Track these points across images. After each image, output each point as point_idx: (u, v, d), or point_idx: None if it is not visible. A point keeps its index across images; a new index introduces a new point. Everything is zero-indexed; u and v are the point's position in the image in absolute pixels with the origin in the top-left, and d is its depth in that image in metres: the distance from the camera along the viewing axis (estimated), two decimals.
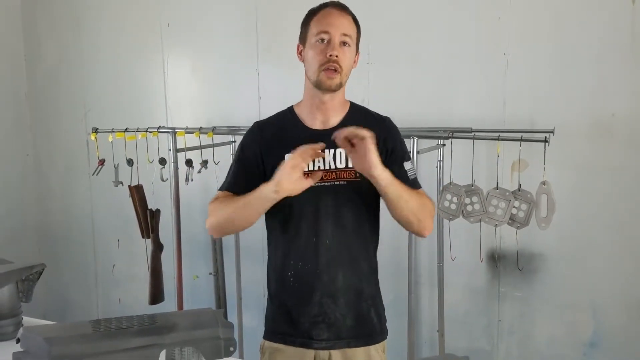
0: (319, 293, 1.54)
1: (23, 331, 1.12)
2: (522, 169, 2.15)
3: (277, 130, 1.59)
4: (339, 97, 1.56)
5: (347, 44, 1.50)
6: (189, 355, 1.17)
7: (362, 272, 1.58)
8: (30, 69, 3.60)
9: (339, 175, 1.53)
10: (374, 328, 1.60)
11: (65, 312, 3.65)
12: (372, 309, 1.60)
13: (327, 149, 1.50)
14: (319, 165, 1.53)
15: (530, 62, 2.27)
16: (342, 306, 1.55)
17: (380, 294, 1.66)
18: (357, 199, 1.54)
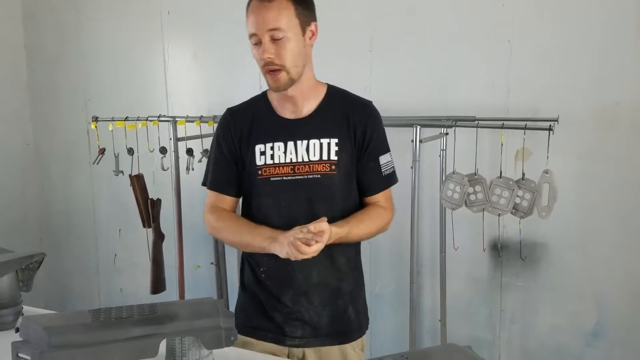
0: (292, 291, 1.49)
1: (22, 320, 1.11)
2: (526, 157, 2.13)
3: (249, 120, 1.52)
4: (304, 86, 1.45)
5: (279, 38, 1.36)
6: (190, 344, 1.15)
7: (339, 269, 1.52)
8: (30, 58, 3.57)
9: (312, 169, 1.46)
10: (351, 326, 1.56)
11: (67, 302, 3.65)
12: (350, 306, 1.55)
13: (300, 140, 1.45)
14: (291, 157, 1.46)
15: (535, 50, 2.24)
16: (317, 304, 1.50)
17: (362, 287, 1.62)
18: (332, 192, 1.48)
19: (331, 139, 1.46)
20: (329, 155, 1.46)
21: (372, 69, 2.54)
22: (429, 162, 2.36)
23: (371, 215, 1.50)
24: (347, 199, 1.50)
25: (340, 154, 1.46)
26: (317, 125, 1.47)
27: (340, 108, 1.47)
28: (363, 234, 1.49)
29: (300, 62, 1.41)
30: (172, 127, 2.60)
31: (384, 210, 1.51)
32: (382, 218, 1.51)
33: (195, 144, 2.66)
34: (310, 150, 1.46)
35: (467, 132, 2.14)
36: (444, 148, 2.23)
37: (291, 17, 1.37)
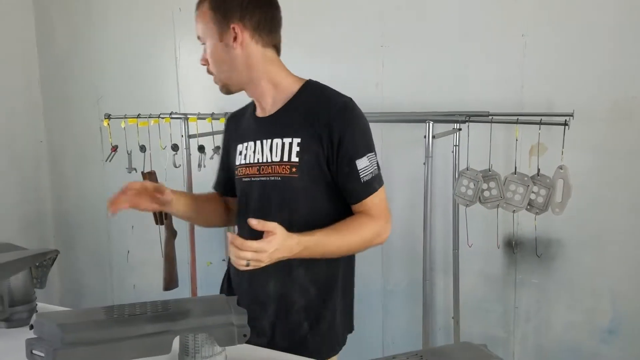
0: (248, 299, 1.42)
1: (36, 317, 1.11)
2: (541, 153, 2.11)
3: (239, 121, 1.53)
4: (260, 87, 1.41)
5: (202, 44, 1.41)
6: (202, 341, 1.15)
7: (296, 281, 1.39)
8: (42, 57, 3.59)
9: (274, 170, 1.37)
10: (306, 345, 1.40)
11: (80, 298, 3.68)
12: (306, 323, 1.41)
13: (265, 139, 1.39)
14: (258, 157, 1.40)
15: (549, 44, 2.21)
16: (271, 316, 1.42)
17: (329, 306, 1.42)
18: (292, 197, 1.36)
19: (293, 138, 1.35)
20: (289, 156, 1.35)
21: (383, 65, 2.52)
22: (442, 158, 2.34)
23: (351, 224, 1.33)
24: (312, 206, 1.36)
25: (301, 155, 1.34)
26: (280, 124, 1.38)
27: (309, 106, 1.36)
28: (342, 245, 1.32)
29: (224, 67, 1.39)
30: (184, 124, 2.60)
31: (370, 219, 1.34)
32: (367, 227, 1.33)
33: (207, 141, 2.66)
34: (273, 150, 1.38)
35: (481, 127, 2.11)
36: (457, 144, 2.21)
37: (207, 24, 1.38)
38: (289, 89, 1.40)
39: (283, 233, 1.22)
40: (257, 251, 1.19)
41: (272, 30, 1.40)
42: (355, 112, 1.36)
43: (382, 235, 1.36)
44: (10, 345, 1.32)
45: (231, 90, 1.43)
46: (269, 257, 1.22)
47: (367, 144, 1.36)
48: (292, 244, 1.24)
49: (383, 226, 1.36)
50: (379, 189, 1.36)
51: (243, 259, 1.19)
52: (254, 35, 1.36)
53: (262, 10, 1.37)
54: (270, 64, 1.40)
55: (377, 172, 1.36)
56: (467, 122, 2.06)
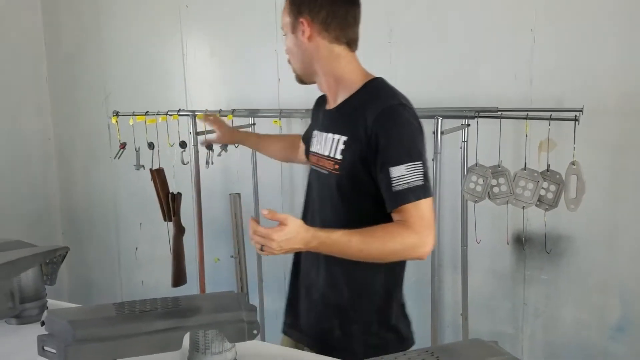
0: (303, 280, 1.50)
1: (47, 314, 1.12)
2: (550, 149, 2.09)
3: (318, 107, 1.60)
4: (324, 80, 1.44)
5: (284, 35, 1.46)
6: (213, 337, 1.15)
7: (331, 276, 1.41)
8: (50, 54, 3.60)
9: (324, 164, 1.41)
10: (334, 342, 1.42)
11: (89, 295, 3.69)
12: (336, 321, 1.42)
13: (324, 132, 1.44)
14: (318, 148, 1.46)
15: (558, 39, 2.19)
16: (309, 302, 1.49)
17: (362, 311, 1.42)
18: (332, 193, 1.38)
19: (341, 135, 1.37)
20: (335, 152, 1.37)
21: (391, 61, 2.51)
22: (450, 154, 2.33)
23: (379, 231, 1.28)
24: (351, 205, 1.36)
25: (345, 154, 1.35)
26: (335, 120, 1.42)
27: (361, 105, 1.34)
28: (363, 250, 1.27)
29: (295, 59, 1.44)
30: (192, 121, 2.60)
31: (404, 230, 1.26)
32: (398, 237, 1.26)
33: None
34: (326, 144, 1.41)
35: (489, 123, 2.10)
36: (465, 140, 2.20)
37: (285, 16, 1.43)
38: (351, 86, 1.40)
39: (296, 225, 1.22)
40: (264, 237, 1.21)
41: (344, 26, 1.40)
42: (398, 117, 1.31)
43: (418, 249, 1.27)
44: (21, 342, 1.33)
45: (303, 80, 1.48)
46: (279, 246, 1.22)
47: (408, 152, 1.28)
48: (307, 236, 1.23)
49: (420, 239, 1.27)
50: (416, 200, 1.26)
51: (257, 243, 1.24)
52: (321, 31, 1.38)
53: (332, 7, 1.38)
54: (336, 59, 1.40)
55: (419, 183, 1.27)
56: (476, 117, 2.05)
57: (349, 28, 1.41)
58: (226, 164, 2.83)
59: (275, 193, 2.91)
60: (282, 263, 2.97)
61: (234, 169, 2.82)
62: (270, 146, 1.95)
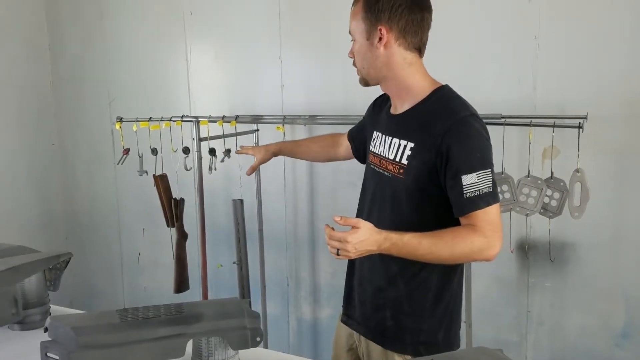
0: (357, 274, 1.59)
1: (51, 320, 1.12)
2: (554, 156, 2.09)
3: (381, 106, 1.62)
4: (394, 87, 1.49)
5: (352, 39, 1.49)
6: (216, 345, 1.15)
7: (389, 273, 1.48)
8: (54, 59, 3.62)
9: (388, 167, 1.47)
10: (386, 332, 1.51)
11: (91, 300, 3.69)
12: (389, 312, 1.49)
13: (389, 136, 1.49)
14: (381, 150, 1.51)
15: (562, 46, 2.19)
16: (364, 294, 1.56)
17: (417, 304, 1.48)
18: (396, 195, 1.45)
19: (408, 142, 1.42)
20: (401, 157, 1.43)
21: None
22: None
23: (448, 234, 1.35)
24: (414, 209, 1.42)
25: (411, 160, 1.41)
26: (402, 125, 1.47)
27: (430, 113, 1.41)
28: (433, 251, 1.34)
29: (367, 64, 1.46)
30: (195, 127, 2.61)
31: (472, 233, 1.33)
32: (466, 240, 1.34)
33: (217, 144, 2.66)
34: (391, 148, 1.47)
35: (493, 129, 2.08)
36: None
37: (358, 22, 1.44)
38: (420, 93, 1.45)
39: (368, 228, 1.30)
40: (340, 241, 1.29)
41: (418, 32, 1.44)
42: (471, 128, 1.37)
43: (485, 252, 1.35)
44: (24, 348, 1.33)
45: (369, 83, 1.51)
46: (354, 248, 1.29)
47: (480, 161, 1.36)
48: (380, 238, 1.31)
49: (488, 242, 1.34)
50: (486, 207, 1.34)
51: (333, 247, 1.30)
52: (398, 38, 1.42)
53: (411, 15, 1.42)
54: (408, 67, 1.45)
55: (489, 190, 1.34)
56: None
57: (423, 34, 1.46)
58: (228, 169, 2.83)
59: (279, 199, 2.91)
60: (286, 269, 2.97)
61: (236, 175, 2.82)
62: (309, 150, 1.97)
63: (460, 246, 1.34)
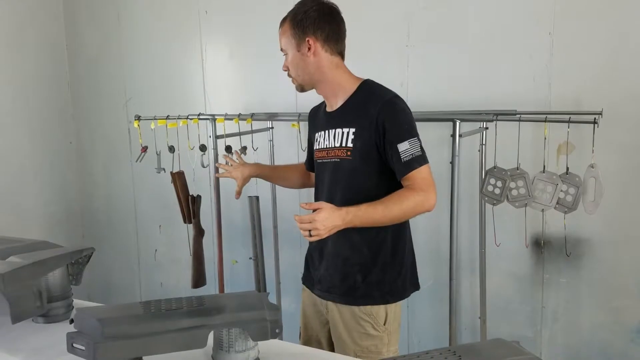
0: (317, 252, 1.80)
1: (77, 312, 1.14)
2: (569, 152, 2.09)
3: (316, 114, 1.88)
4: (328, 87, 1.72)
5: (284, 54, 1.73)
6: (237, 336, 1.18)
7: (351, 242, 1.69)
8: (72, 59, 3.67)
9: (335, 154, 1.70)
10: (356, 292, 1.71)
11: (109, 295, 3.75)
12: (359, 275, 1.71)
13: (331, 129, 1.72)
14: (326, 143, 1.73)
15: (576, 42, 2.19)
16: (330, 267, 1.75)
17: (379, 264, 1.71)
18: (348, 175, 1.68)
19: (350, 128, 1.67)
20: (346, 142, 1.67)
21: (408, 64, 2.53)
22: (468, 157, 2.33)
23: (394, 196, 1.61)
24: (364, 182, 1.66)
25: (355, 142, 1.65)
26: (341, 117, 1.70)
27: (362, 101, 1.67)
28: (387, 214, 1.59)
29: (301, 71, 1.71)
30: (212, 125, 2.63)
31: (412, 192, 1.60)
32: (409, 198, 1.59)
33: (233, 141, 2.70)
34: (336, 138, 1.70)
35: (507, 125, 2.11)
36: (483, 142, 2.21)
37: (288, 38, 1.70)
38: (349, 88, 1.71)
39: (329, 206, 1.55)
40: (309, 222, 1.52)
41: (338, 40, 1.71)
42: (397, 105, 1.65)
43: (425, 204, 1.60)
44: (48, 340, 1.36)
45: (304, 89, 1.76)
46: (323, 225, 1.52)
47: (409, 131, 1.62)
48: (342, 213, 1.55)
49: (426, 196, 1.60)
50: (419, 167, 1.60)
51: (305, 230, 1.53)
52: (324, 45, 1.68)
53: (330, 26, 1.69)
54: (336, 68, 1.71)
55: (419, 154, 1.61)
56: (495, 120, 2.05)
57: (341, 41, 1.72)
58: None
59: (293, 196, 2.93)
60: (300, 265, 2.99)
61: None
62: (286, 177, 2.10)
63: (406, 203, 1.59)
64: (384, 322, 1.71)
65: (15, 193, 3.39)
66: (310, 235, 1.53)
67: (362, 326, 1.71)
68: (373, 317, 1.70)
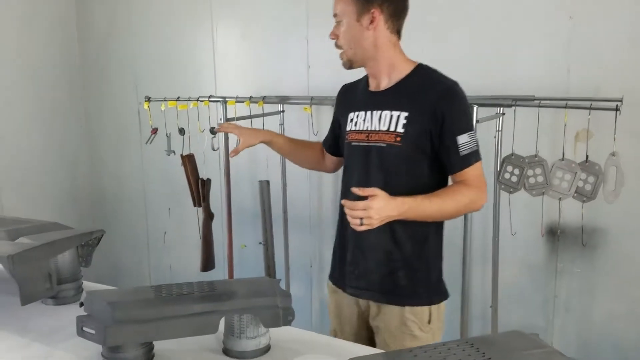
0: (352, 245, 1.64)
1: (87, 295, 1.13)
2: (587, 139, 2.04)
3: (352, 91, 1.72)
4: (380, 65, 1.57)
5: (338, 22, 1.57)
6: (248, 322, 1.16)
7: (395, 236, 1.57)
8: (82, 40, 3.64)
9: (380, 138, 1.56)
10: (401, 291, 1.60)
11: (117, 278, 3.75)
12: (402, 271, 1.59)
13: (375, 110, 1.57)
14: (367, 125, 1.58)
15: (596, 27, 2.13)
16: (370, 261, 1.61)
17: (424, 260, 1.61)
18: (394, 162, 1.54)
19: (401, 112, 1.53)
20: (396, 127, 1.53)
21: (423, 48, 2.46)
22: (483, 144, 2.27)
23: (449, 191, 1.51)
24: (413, 173, 1.54)
25: (407, 127, 1.51)
26: (391, 99, 1.56)
27: (418, 85, 1.54)
28: (441, 209, 1.49)
29: (355, 45, 1.55)
30: (223, 108, 2.60)
31: (466, 188, 1.50)
32: (463, 194, 1.50)
33: (245, 125, 2.65)
34: (381, 121, 1.55)
35: (524, 111, 2.06)
36: (500, 129, 2.16)
37: (347, 4, 1.53)
38: (403, 70, 1.57)
39: (384, 194, 1.39)
40: (364, 209, 1.36)
41: (401, 18, 1.57)
42: (459, 95, 1.52)
43: (476, 203, 1.52)
44: (58, 322, 1.35)
45: (353, 65, 1.59)
46: (378, 214, 1.38)
47: (469, 123, 1.53)
48: (397, 203, 1.41)
49: (478, 194, 1.51)
50: (475, 163, 1.51)
51: (356, 218, 1.37)
52: (387, 21, 1.54)
53: (399, 2, 1.56)
54: (393, 47, 1.57)
55: (476, 149, 1.51)
56: (513, 106, 2.01)
57: (403, 19, 1.58)
58: (255, 151, 2.82)
59: (303, 181, 2.91)
60: (310, 251, 2.97)
61: (262, 156, 2.82)
62: (301, 154, 1.92)
63: (462, 200, 1.49)
64: (428, 321, 1.61)
65: (25, 175, 3.38)
66: (361, 224, 1.38)
67: (407, 327, 1.58)
68: (419, 317, 1.59)
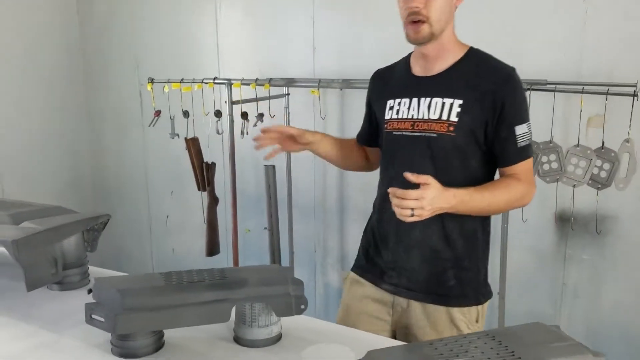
0: (394, 240, 1.53)
1: (95, 282, 1.10)
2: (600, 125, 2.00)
3: (388, 77, 1.59)
4: (441, 45, 1.44)
5: None
6: (260, 311, 1.13)
7: (444, 232, 1.47)
8: (82, 21, 3.58)
9: (430, 127, 1.44)
10: (450, 291, 1.50)
11: (120, 262, 3.73)
12: (451, 271, 1.49)
13: (423, 97, 1.45)
14: (412, 114, 1.47)
15: (610, 11, 2.08)
16: (414, 259, 1.51)
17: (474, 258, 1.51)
18: (446, 154, 1.43)
19: (455, 99, 1.42)
20: (449, 115, 1.42)
21: None
22: None
23: (501, 184, 1.42)
24: (464, 165, 1.44)
25: (462, 116, 1.41)
26: (443, 85, 1.45)
27: (474, 71, 1.44)
28: (492, 203, 1.41)
29: (444, 17, 1.41)
30: (228, 90, 2.56)
31: (518, 182, 1.42)
32: (515, 189, 1.41)
33: (250, 108, 2.62)
34: (431, 109, 1.44)
35: (537, 96, 2.02)
36: None
37: None
38: (457, 52, 1.46)
39: (437, 184, 1.30)
40: (417, 199, 1.26)
41: None
42: (518, 81, 1.42)
43: (526, 198, 1.44)
44: (64, 308, 1.33)
45: (428, 40, 1.42)
46: (430, 205, 1.28)
47: (527, 112, 1.43)
48: (449, 195, 1.32)
49: (528, 189, 1.43)
50: (530, 156, 1.44)
51: (406, 208, 1.27)
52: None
53: None
54: (452, 27, 1.47)
55: (531, 141, 1.43)
56: (528, 90, 1.96)
57: None
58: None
59: (308, 166, 2.87)
60: (314, 236, 2.95)
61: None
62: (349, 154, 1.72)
63: (514, 194, 1.41)
64: (476, 320, 1.52)
65: (26, 159, 3.35)
66: (412, 215, 1.28)
67: (457, 326, 1.49)
68: (468, 317, 1.51)
